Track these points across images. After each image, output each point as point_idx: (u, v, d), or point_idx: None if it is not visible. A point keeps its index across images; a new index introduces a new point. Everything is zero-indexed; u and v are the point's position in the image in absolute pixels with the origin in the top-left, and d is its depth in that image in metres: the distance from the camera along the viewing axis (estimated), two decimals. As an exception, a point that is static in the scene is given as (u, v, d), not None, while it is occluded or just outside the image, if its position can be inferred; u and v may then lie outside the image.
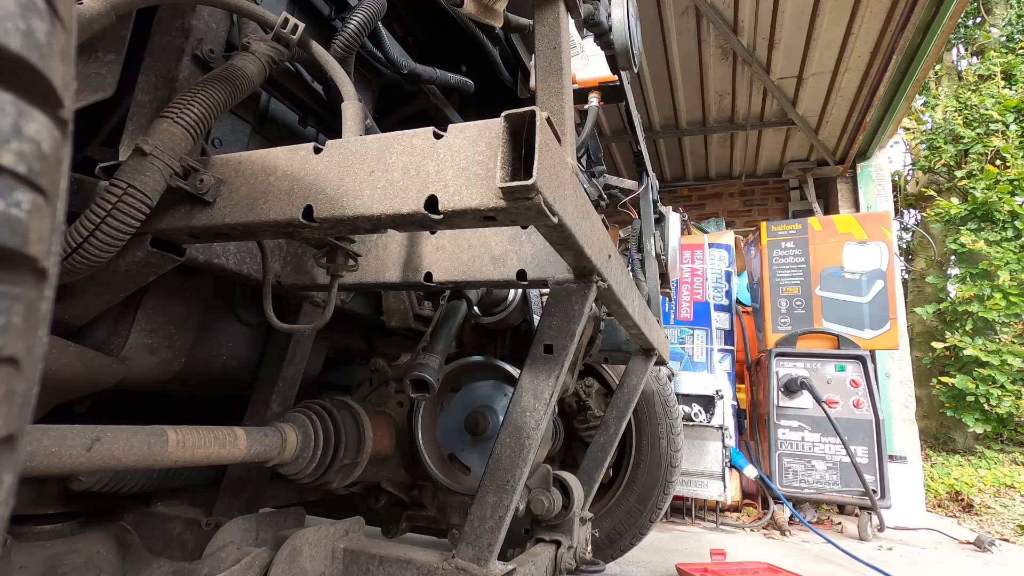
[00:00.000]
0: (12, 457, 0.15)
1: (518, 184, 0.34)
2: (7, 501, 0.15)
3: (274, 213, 0.42)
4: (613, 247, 0.59)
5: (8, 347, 0.14)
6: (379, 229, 0.43)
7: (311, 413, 0.71)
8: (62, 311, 0.52)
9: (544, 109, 0.39)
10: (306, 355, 0.80)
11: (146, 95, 0.54)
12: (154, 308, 0.63)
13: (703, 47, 3.73)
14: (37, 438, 0.40)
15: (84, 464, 0.42)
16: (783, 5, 3.29)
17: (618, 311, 0.68)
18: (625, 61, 0.96)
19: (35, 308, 0.16)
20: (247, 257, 0.65)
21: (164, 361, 0.65)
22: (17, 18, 0.14)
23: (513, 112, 0.35)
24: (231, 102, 0.49)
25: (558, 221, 0.39)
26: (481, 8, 0.53)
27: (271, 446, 0.60)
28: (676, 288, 3.65)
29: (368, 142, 0.41)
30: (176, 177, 0.44)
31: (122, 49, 0.52)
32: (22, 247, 0.15)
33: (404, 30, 1.00)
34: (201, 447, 0.50)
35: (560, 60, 0.48)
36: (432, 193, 0.38)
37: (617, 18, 0.94)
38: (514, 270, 0.60)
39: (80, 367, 0.54)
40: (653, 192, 2.34)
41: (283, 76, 0.74)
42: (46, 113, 0.16)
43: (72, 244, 0.42)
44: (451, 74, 0.93)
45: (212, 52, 0.56)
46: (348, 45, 0.68)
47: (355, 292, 0.84)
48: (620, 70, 1.03)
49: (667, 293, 2.32)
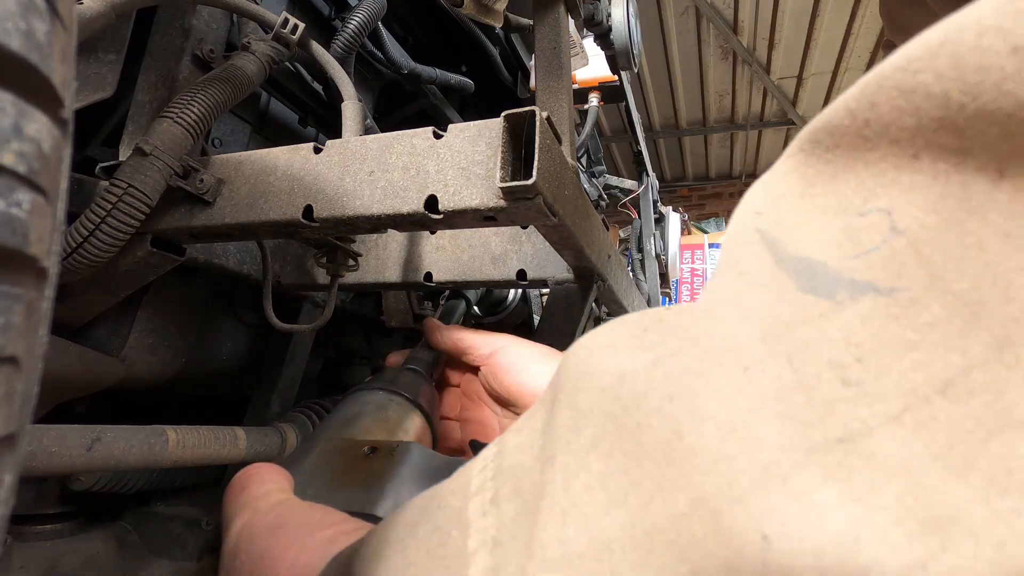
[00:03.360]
0: (12, 457, 0.15)
1: (518, 184, 0.34)
2: (7, 501, 0.15)
3: (274, 213, 0.42)
4: (613, 247, 0.59)
5: (9, 347, 0.14)
6: (379, 229, 0.43)
7: (311, 413, 0.71)
8: (62, 311, 0.52)
9: (544, 109, 0.39)
10: (306, 355, 0.80)
11: (146, 95, 0.54)
12: (154, 308, 0.63)
13: (703, 47, 3.73)
14: (37, 438, 0.40)
15: (84, 464, 0.42)
16: (783, 5, 3.29)
17: (618, 311, 0.68)
18: (625, 61, 0.96)
19: (36, 308, 0.16)
20: (247, 257, 0.65)
21: (164, 361, 0.65)
22: (17, 18, 0.14)
23: (513, 112, 0.36)
24: (231, 102, 0.49)
25: (558, 221, 0.39)
26: (481, 8, 0.53)
27: (271, 446, 0.60)
28: (676, 288, 3.66)
29: (368, 142, 0.41)
30: (176, 177, 0.44)
31: (122, 49, 0.52)
32: (23, 247, 0.15)
33: (404, 30, 1.00)
34: (201, 447, 0.50)
35: (560, 60, 0.48)
36: (432, 193, 0.38)
37: (617, 18, 0.94)
38: (514, 270, 0.60)
39: (80, 367, 0.54)
40: (653, 192, 2.34)
41: (283, 76, 0.74)
42: (46, 113, 0.16)
43: (72, 244, 0.42)
44: (451, 74, 0.93)
45: (212, 52, 0.56)
46: (348, 45, 0.68)
47: (355, 292, 0.84)
48: (620, 70, 1.04)
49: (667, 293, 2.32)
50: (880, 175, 0.16)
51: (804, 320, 0.15)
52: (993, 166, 0.13)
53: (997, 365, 0.12)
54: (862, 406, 0.13)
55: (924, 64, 0.14)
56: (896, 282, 0.14)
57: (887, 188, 0.15)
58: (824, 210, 0.17)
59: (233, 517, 0.31)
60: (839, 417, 0.13)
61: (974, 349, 0.13)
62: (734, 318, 0.16)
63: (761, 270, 0.17)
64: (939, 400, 0.13)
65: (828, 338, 0.14)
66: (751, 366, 0.15)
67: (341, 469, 0.37)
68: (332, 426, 0.42)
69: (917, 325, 0.13)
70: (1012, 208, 0.13)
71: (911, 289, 0.14)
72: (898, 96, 0.15)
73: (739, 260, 0.18)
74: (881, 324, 0.14)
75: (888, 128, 0.15)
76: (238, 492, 0.34)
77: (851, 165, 0.16)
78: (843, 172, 0.17)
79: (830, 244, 0.16)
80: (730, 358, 0.16)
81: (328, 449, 0.39)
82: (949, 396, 0.13)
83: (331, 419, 0.44)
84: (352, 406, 0.44)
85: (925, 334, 0.13)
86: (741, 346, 0.16)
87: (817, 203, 0.17)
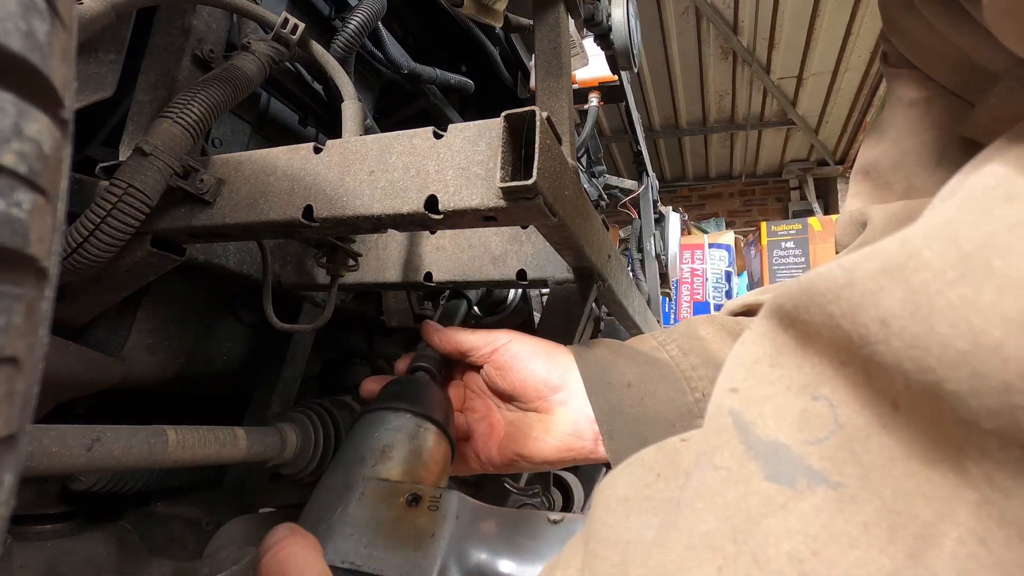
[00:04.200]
0: (13, 457, 0.15)
1: (518, 184, 0.34)
2: (8, 501, 0.15)
3: (274, 213, 0.42)
4: (613, 247, 0.59)
5: (9, 347, 0.14)
6: (379, 229, 0.43)
7: (311, 413, 0.71)
8: (62, 311, 0.52)
9: (544, 109, 0.39)
10: (306, 355, 0.80)
11: (146, 95, 0.54)
12: (154, 308, 0.63)
13: (703, 47, 3.73)
14: (37, 438, 0.40)
15: (84, 464, 0.42)
16: (783, 5, 3.29)
17: (618, 311, 0.68)
18: (625, 61, 0.96)
19: (36, 308, 0.16)
20: (247, 257, 0.65)
21: (164, 361, 0.65)
22: (18, 18, 0.14)
23: (513, 112, 0.35)
24: (231, 102, 0.49)
25: (558, 221, 0.39)
26: (481, 8, 0.53)
27: (271, 446, 0.60)
28: (676, 288, 3.66)
29: (368, 142, 0.41)
30: (176, 177, 0.44)
31: (122, 49, 0.52)
32: (23, 247, 0.15)
33: (404, 30, 1.00)
34: (201, 447, 0.50)
35: (560, 60, 0.48)
36: (432, 193, 0.38)
37: (617, 18, 0.94)
38: (514, 270, 0.60)
39: (80, 367, 0.54)
40: (653, 192, 2.34)
41: (283, 76, 0.74)
42: (47, 113, 0.16)
43: (72, 244, 0.42)
44: (451, 74, 0.93)
45: (212, 52, 0.56)
46: (348, 45, 0.68)
47: (355, 292, 0.84)
48: (620, 70, 1.04)
49: (667, 293, 2.32)
50: (825, 365, 0.19)
51: (768, 511, 0.18)
52: (889, 399, 0.17)
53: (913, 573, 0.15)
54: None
55: (831, 299, 0.18)
56: (840, 477, 0.17)
57: (830, 378, 0.19)
58: (788, 385, 0.20)
59: None
60: None
61: (898, 555, 0.15)
62: (710, 517, 0.19)
63: (732, 462, 0.20)
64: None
65: (789, 529, 0.17)
66: (724, 566, 0.18)
67: (387, 523, 0.37)
68: (367, 458, 0.42)
69: (857, 523, 0.16)
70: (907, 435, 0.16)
71: (850, 486, 0.17)
72: (821, 314, 0.19)
73: (714, 450, 0.21)
74: (831, 516, 0.17)
75: (821, 334, 0.19)
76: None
77: (806, 346, 0.20)
78: (801, 349, 0.20)
79: (792, 426, 0.19)
80: (706, 557, 0.18)
81: (371, 493, 0.39)
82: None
83: (362, 448, 0.43)
84: (382, 434, 0.44)
85: (862, 532, 0.16)
86: (715, 546, 0.18)
87: (784, 375, 0.20)
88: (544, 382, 0.50)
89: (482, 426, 0.53)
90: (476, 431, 0.53)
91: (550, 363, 0.50)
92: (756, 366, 0.21)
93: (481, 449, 0.52)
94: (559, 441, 0.49)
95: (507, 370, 0.50)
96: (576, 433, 0.49)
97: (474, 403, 0.55)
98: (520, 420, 0.51)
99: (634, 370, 0.49)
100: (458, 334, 0.53)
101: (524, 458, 0.50)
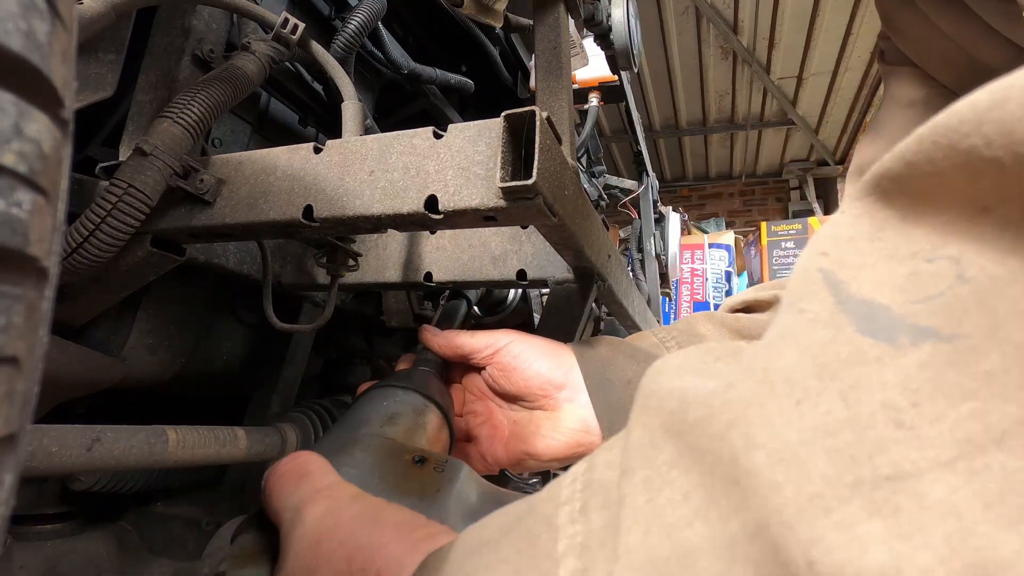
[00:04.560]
0: (13, 457, 0.15)
1: (518, 184, 0.34)
2: (7, 501, 0.15)
3: (274, 213, 0.42)
4: (613, 247, 0.59)
5: (9, 347, 0.14)
6: (379, 229, 0.43)
7: (311, 413, 0.71)
8: (62, 311, 0.52)
9: (544, 109, 0.39)
10: (306, 355, 0.80)
11: (146, 95, 0.54)
12: (154, 308, 0.63)
13: (703, 47, 3.73)
14: (37, 438, 0.40)
15: (84, 464, 0.42)
16: (783, 5, 3.29)
17: (618, 311, 0.68)
18: (625, 61, 0.96)
19: (36, 308, 0.16)
20: (247, 257, 0.65)
21: (164, 361, 0.65)
22: (18, 18, 0.14)
23: (513, 112, 0.35)
24: (231, 102, 0.49)
25: (558, 221, 0.39)
26: (481, 8, 0.53)
27: (271, 446, 0.60)
28: (676, 288, 3.66)
29: (368, 142, 0.41)
30: (176, 177, 0.44)
31: (122, 49, 0.52)
32: (23, 247, 0.15)
33: (404, 30, 1.00)
34: (201, 447, 0.50)
35: (560, 60, 0.48)
36: (432, 193, 0.38)
37: (617, 18, 0.94)
38: (514, 270, 0.60)
39: (80, 367, 0.54)
40: (653, 192, 2.34)
41: (283, 76, 0.74)
42: (47, 113, 0.16)
43: (73, 244, 0.42)
44: (451, 74, 0.93)
45: (212, 52, 0.56)
46: (348, 45, 0.68)
47: (355, 292, 0.85)
48: (620, 70, 1.04)
49: (667, 293, 2.32)
50: (951, 223, 0.16)
51: (860, 361, 0.15)
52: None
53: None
54: (914, 449, 0.14)
55: (972, 128, 0.15)
56: (958, 329, 0.15)
57: (957, 237, 0.16)
58: (892, 254, 0.17)
59: (303, 504, 0.31)
60: (889, 456, 0.14)
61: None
62: (791, 353, 0.17)
63: (821, 309, 0.17)
64: (994, 450, 0.13)
65: (884, 381, 0.15)
66: (803, 399, 0.16)
67: (396, 473, 0.36)
68: (373, 420, 0.41)
69: (976, 373, 0.14)
70: None
71: (972, 337, 0.14)
72: (955, 155, 0.15)
73: (800, 298, 0.18)
74: (939, 370, 0.14)
75: (954, 184, 0.16)
76: (297, 478, 0.33)
77: (921, 212, 0.17)
78: (913, 218, 0.17)
79: (894, 288, 0.16)
80: (782, 391, 0.16)
81: (376, 447, 0.38)
82: (1004, 447, 0.13)
83: (367, 410, 0.42)
84: (389, 403, 0.43)
85: (983, 383, 0.14)
86: (795, 380, 0.16)
87: (886, 246, 0.17)
88: (549, 381, 0.50)
89: (485, 429, 0.53)
90: (479, 435, 0.53)
91: (553, 361, 0.50)
92: (850, 243, 0.18)
93: (487, 451, 0.52)
94: (568, 437, 0.49)
95: (511, 371, 0.50)
96: (585, 429, 0.49)
97: (474, 406, 0.55)
98: (526, 419, 0.51)
99: (634, 367, 0.49)
100: (458, 337, 0.52)
101: (533, 456, 0.50)
